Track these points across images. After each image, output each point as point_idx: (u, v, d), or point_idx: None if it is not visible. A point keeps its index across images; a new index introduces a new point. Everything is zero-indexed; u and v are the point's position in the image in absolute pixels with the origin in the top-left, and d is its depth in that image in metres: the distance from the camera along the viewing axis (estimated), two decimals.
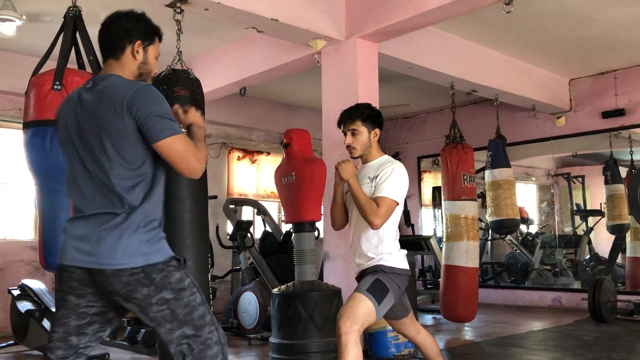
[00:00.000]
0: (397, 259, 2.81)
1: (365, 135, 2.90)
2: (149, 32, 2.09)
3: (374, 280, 2.68)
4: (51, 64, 3.42)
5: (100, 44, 2.08)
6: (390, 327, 4.20)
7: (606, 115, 7.03)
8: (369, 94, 4.74)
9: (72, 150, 2.00)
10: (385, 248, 2.79)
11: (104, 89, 1.96)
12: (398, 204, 2.78)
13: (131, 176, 1.93)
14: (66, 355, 1.98)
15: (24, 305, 4.67)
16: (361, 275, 2.84)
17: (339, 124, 2.97)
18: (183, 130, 1.99)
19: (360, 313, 2.56)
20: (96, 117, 1.93)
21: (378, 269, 2.74)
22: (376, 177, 2.81)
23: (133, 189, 1.93)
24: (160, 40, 2.15)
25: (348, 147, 2.92)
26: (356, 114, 2.91)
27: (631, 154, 7.34)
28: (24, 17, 4.88)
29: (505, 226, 6.61)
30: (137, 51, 2.05)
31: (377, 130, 2.94)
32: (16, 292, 4.93)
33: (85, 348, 2.01)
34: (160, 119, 1.90)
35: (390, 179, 2.77)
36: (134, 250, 1.89)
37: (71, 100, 2.05)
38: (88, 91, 2.01)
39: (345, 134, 2.93)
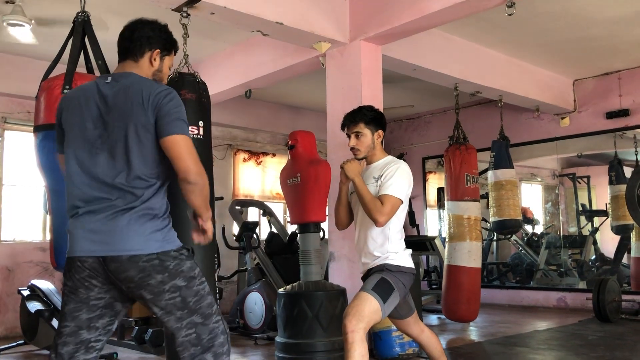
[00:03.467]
0: (403, 257, 2.85)
1: (368, 137, 2.94)
2: (168, 44, 2.22)
3: (380, 279, 2.72)
4: (61, 68, 3.48)
5: (121, 45, 2.18)
6: (395, 327, 4.26)
7: (610, 115, 7.05)
8: (373, 95, 4.78)
9: (81, 143, 2.06)
10: (391, 247, 2.83)
11: (130, 85, 2.05)
12: (402, 202, 2.83)
13: (148, 168, 2.02)
14: (76, 349, 2.02)
15: (34, 306, 4.73)
16: (367, 274, 2.88)
17: (343, 126, 3.02)
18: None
19: (366, 311, 2.60)
20: (122, 111, 2.02)
21: (384, 268, 2.78)
22: (381, 176, 2.85)
23: (148, 180, 2.02)
24: (175, 53, 2.29)
25: (352, 149, 2.96)
26: (359, 117, 2.96)
27: (636, 154, 7.34)
28: (33, 21, 4.95)
29: (507, 226, 6.63)
30: (155, 59, 2.18)
31: (381, 132, 2.98)
32: (26, 293, 5.00)
33: (95, 342, 2.05)
34: (177, 120, 2.02)
35: (394, 177, 2.82)
36: (149, 237, 1.98)
37: (88, 93, 2.10)
38: (109, 86, 2.08)
39: (349, 137, 2.98)
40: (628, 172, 7.40)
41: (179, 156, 2.00)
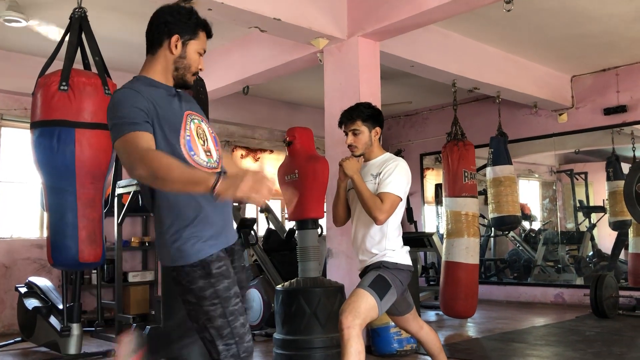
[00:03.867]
0: (400, 255, 2.85)
1: (366, 134, 2.94)
2: (191, 26, 2.03)
3: (377, 276, 2.72)
4: (57, 65, 3.47)
5: (146, 39, 2.06)
6: (393, 323, 4.26)
7: (608, 112, 7.05)
8: (371, 92, 4.78)
9: None
10: (388, 244, 2.83)
11: None
12: (401, 199, 2.82)
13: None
14: None
15: (31, 302, 4.73)
16: (364, 272, 2.88)
17: (340, 124, 3.01)
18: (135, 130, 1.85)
19: (362, 308, 2.61)
20: None
21: (381, 265, 2.78)
22: (379, 174, 2.85)
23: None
24: (208, 35, 2.11)
25: (349, 146, 2.96)
26: (356, 114, 2.94)
27: (633, 150, 7.35)
28: (30, 18, 4.93)
29: (506, 223, 6.64)
30: (176, 46, 2.02)
31: (378, 129, 2.97)
32: (23, 290, 4.99)
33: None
34: (113, 125, 1.88)
35: (393, 175, 2.81)
36: (165, 251, 2.02)
37: None
38: None
39: (347, 134, 2.97)
40: (625, 168, 7.41)
41: (123, 163, 1.87)
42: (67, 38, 3.60)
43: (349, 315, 2.57)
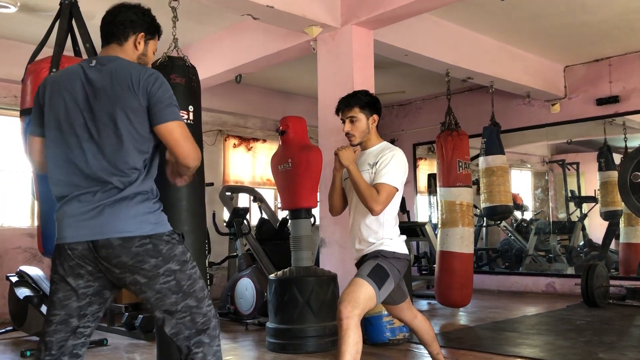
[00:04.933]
0: (398, 244, 2.84)
1: (363, 122, 2.90)
2: (152, 28, 2.21)
3: (375, 265, 2.71)
4: (47, 52, 3.42)
5: (104, 30, 2.16)
6: (386, 312, 4.27)
7: (600, 102, 7.07)
8: (365, 81, 4.76)
9: (67, 127, 2.02)
10: (385, 233, 2.82)
11: (116, 69, 2.02)
12: (398, 190, 2.81)
13: (139, 152, 2.01)
14: (66, 337, 2.01)
15: (22, 292, 4.70)
16: (361, 261, 2.87)
17: (337, 111, 2.98)
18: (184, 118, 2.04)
19: (361, 298, 2.60)
20: (111, 95, 1.99)
21: (379, 254, 2.77)
22: (376, 163, 2.82)
23: (136, 163, 2.00)
24: (159, 37, 2.27)
25: (347, 134, 2.92)
26: (354, 101, 2.91)
27: (625, 141, 7.38)
28: (19, 3, 4.86)
29: (498, 212, 6.66)
30: (139, 42, 2.16)
31: (376, 117, 2.94)
32: (14, 279, 4.96)
33: (84, 329, 2.05)
34: (170, 106, 2.01)
35: (389, 165, 2.79)
36: (142, 219, 1.98)
37: (73, 76, 2.06)
38: (95, 70, 2.04)
39: (344, 122, 2.93)
40: (617, 159, 7.45)
41: (177, 143, 1.99)
42: (57, 24, 3.55)
43: (348, 305, 2.56)
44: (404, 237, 2.93)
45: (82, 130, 2.00)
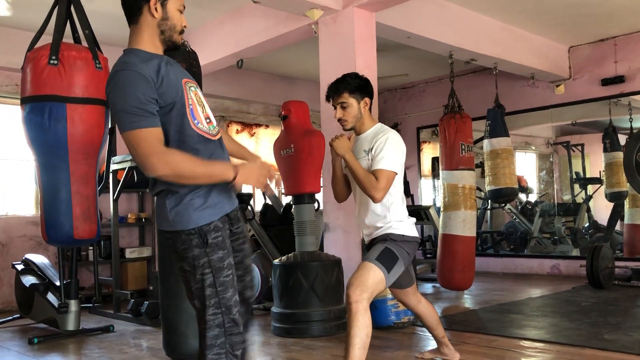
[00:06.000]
0: (407, 226, 2.82)
1: (355, 106, 2.84)
2: None
3: (384, 248, 2.70)
4: (47, 39, 3.40)
5: (125, 13, 2.02)
6: (390, 296, 4.27)
7: (605, 82, 7.00)
8: (367, 64, 4.72)
9: None
10: (393, 216, 2.80)
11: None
12: (397, 173, 2.77)
13: None
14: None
15: (28, 280, 4.73)
16: (371, 244, 2.85)
17: (327, 98, 2.92)
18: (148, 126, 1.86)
19: (370, 282, 2.59)
20: None
21: (387, 237, 2.75)
22: (371, 149, 2.78)
23: None
24: None
25: (339, 120, 2.88)
26: (343, 87, 2.84)
27: (630, 122, 7.33)
28: None
29: (503, 195, 6.64)
30: (155, 9, 1.97)
31: (367, 100, 2.88)
32: (20, 267, 4.99)
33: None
34: (121, 113, 1.85)
35: (385, 149, 2.74)
36: (164, 216, 2.00)
37: None
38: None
39: (335, 108, 2.88)
40: (622, 139, 7.40)
41: (131, 154, 1.89)
42: (55, 11, 3.52)
43: (357, 289, 2.56)
44: (413, 219, 2.91)
45: None
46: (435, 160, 8.60)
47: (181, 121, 1.95)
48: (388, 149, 2.74)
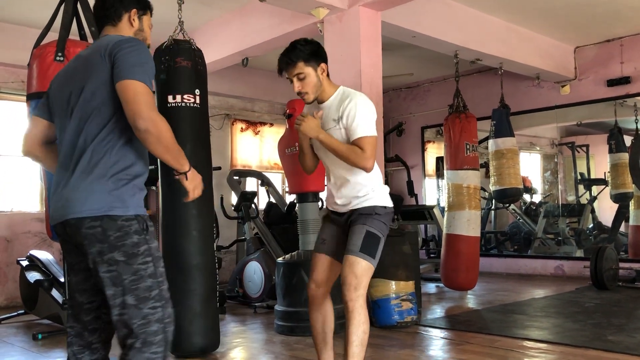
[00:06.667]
0: (386, 193, 2.70)
1: (312, 75, 2.61)
2: (142, 3, 2.16)
3: (365, 234, 2.56)
4: (53, 36, 3.41)
5: (96, 15, 2.13)
6: (394, 295, 4.28)
7: (611, 83, 6.98)
8: (372, 63, 4.72)
9: (59, 112, 2.03)
10: (376, 182, 2.67)
11: (97, 44, 2.01)
12: (376, 136, 2.62)
13: (102, 125, 1.89)
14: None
15: (33, 276, 4.74)
16: (347, 217, 2.68)
17: (280, 71, 2.66)
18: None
19: (360, 276, 2.53)
20: (85, 70, 1.94)
21: (373, 212, 2.60)
22: (341, 118, 2.58)
23: (103, 139, 1.88)
24: (151, 14, 2.22)
25: (299, 94, 2.65)
26: (295, 56, 2.59)
27: (636, 123, 7.30)
28: None
29: (508, 195, 6.62)
30: (134, 19, 2.11)
31: (324, 65, 2.64)
32: (25, 263, 5.00)
33: (89, 304, 2.04)
34: (133, 66, 1.85)
35: (358, 115, 2.54)
36: (96, 199, 1.84)
37: (74, 61, 2.09)
38: (87, 50, 2.07)
39: (291, 81, 2.63)
40: (628, 140, 7.38)
41: (127, 100, 1.81)
42: (62, 8, 3.53)
43: (350, 287, 2.53)
44: (387, 187, 2.78)
45: (68, 111, 2.03)
46: (439, 159, 8.59)
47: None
48: (361, 113, 2.55)
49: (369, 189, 2.64)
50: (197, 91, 3.65)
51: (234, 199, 6.78)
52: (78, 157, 1.89)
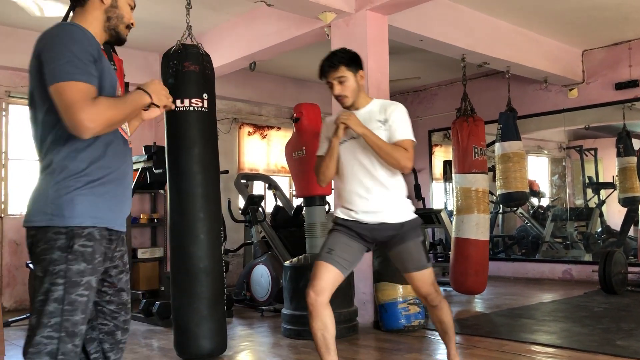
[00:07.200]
0: (409, 204, 2.84)
1: (352, 80, 2.72)
2: None
3: (422, 248, 2.79)
4: None
5: None
6: (401, 299, 4.28)
7: (619, 86, 6.95)
8: (379, 67, 4.72)
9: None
10: (401, 189, 2.81)
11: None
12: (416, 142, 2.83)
13: (47, 124, 1.74)
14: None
15: None
16: (378, 230, 2.72)
17: (321, 75, 2.76)
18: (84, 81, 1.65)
19: (434, 282, 2.81)
20: (30, 71, 1.79)
21: (415, 225, 2.78)
22: (387, 120, 2.72)
23: (52, 141, 1.74)
24: None
25: (338, 97, 2.73)
26: (338, 60, 2.71)
27: None
28: None
29: (513, 199, 6.60)
30: None
31: (362, 72, 2.77)
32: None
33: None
34: (55, 61, 1.66)
35: (403, 119, 2.74)
36: (38, 208, 1.72)
37: None
38: None
39: (331, 85, 2.73)
40: (636, 144, 7.34)
41: (61, 110, 1.62)
42: (71, 14, 3.56)
43: (434, 296, 2.78)
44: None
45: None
46: (447, 163, 8.58)
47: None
48: (406, 119, 2.76)
49: (400, 197, 2.79)
50: (205, 95, 3.67)
51: (241, 202, 6.80)
52: (41, 158, 1.78)
